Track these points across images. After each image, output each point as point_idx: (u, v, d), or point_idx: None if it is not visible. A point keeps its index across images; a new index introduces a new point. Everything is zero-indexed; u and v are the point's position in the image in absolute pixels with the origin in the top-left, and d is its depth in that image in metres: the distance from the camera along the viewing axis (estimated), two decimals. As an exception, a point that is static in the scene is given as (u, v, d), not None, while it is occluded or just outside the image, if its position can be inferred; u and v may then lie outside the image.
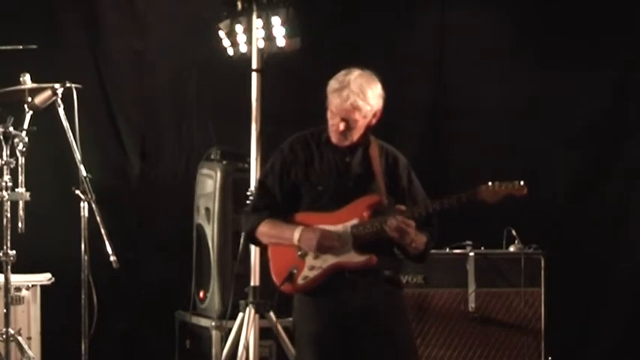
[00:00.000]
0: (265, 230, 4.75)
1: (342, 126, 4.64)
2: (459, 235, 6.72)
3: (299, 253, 4.67)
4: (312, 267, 4.66)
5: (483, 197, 4.54)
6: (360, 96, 4.60)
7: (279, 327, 6.25)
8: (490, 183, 4.54)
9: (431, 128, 7.82)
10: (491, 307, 6.59)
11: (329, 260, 4.64)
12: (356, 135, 4.68)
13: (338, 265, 4.64)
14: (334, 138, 4.70)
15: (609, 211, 7.58)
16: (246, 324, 6.19)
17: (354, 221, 4.64)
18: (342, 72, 4.68)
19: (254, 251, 6.26)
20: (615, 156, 7.62)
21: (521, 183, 4.54)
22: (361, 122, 4.65)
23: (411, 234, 4.58)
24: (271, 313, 6.28)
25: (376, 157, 4.72)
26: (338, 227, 4.64)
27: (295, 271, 4.67)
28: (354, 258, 4.63)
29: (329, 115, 4.68)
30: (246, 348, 6.17)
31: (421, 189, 4.81)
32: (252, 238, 4.84)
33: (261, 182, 4.90)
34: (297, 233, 4.65)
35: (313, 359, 4.64)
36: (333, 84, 4.65)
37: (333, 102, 4.63)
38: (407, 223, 4.55)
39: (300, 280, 4.67)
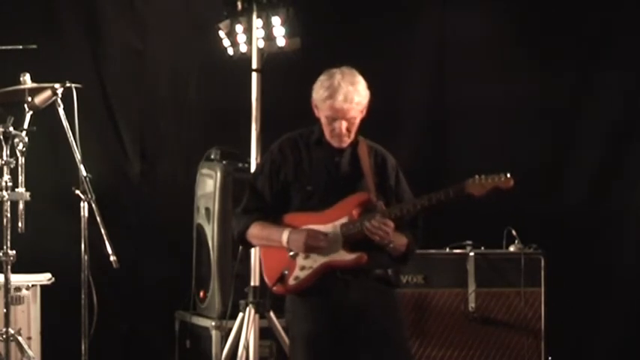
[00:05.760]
0: (255, 232, 4.77)
1: (344, 126, 4.66)
2: (459, 235, 6.72)
3: (290, 253, 4.68)
4: (303, 267, 4.67)
5: (470, 191, 4.55)
6: (355, 93, 4.65)
7: (279, 327, 6.25)
8: (477, 176, 4.56)
9: (431, 128, 7.82)
10: (491, 307, 6.59)
11: (319, 260, 4.65)
12: (354, 132, 4.71)
13: (328, 265, 4.65)
14: (336, 142, 4.72)
15: (609, 210, 7.58)
16: (246, 324, 6.19)
17: (344, 220, 4.66)
18: (322, 79, 4.71)
19: (254, 251, 6.26)
20: (615, 156, 7.62)
21: (508, 175, 4.55)
22: (358, 118, 4.69)
23: (389, 235, 4.58)
24: (271, 313, 6.28)
25: (365, 157, 4.74)
26: (328, 226, 4.66)
27: (287, 272, 4.68)
28: (344, 257, 4.64)
29: (324, 122, 4.71)
30: (246, 348, 6.17)
31: (408, 190, 4.83)
32: (243, 240, 4.85)
33: (250, 184, 4.91)
34: (285, 235, 4.67)
35: (306, 359, 4.64)
36: (322, 93, 4.67)
37: (331, 107, 4.64)
38: (385, 223, 4.56)
39: (291, 281, 4.68)
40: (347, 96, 4.62)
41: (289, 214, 4.73)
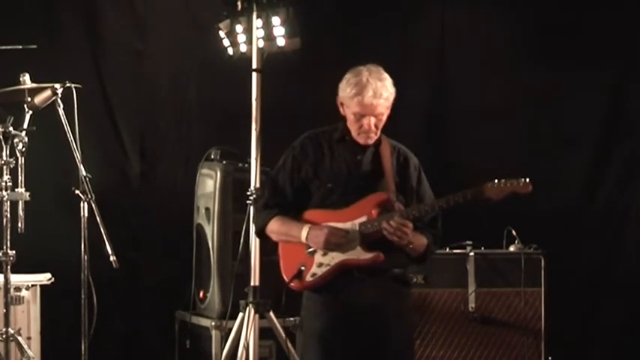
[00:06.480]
0: (275, 228, 4.78)
1: (373, 122, 4.66)
2: (459, 235, 6.72)
3: (308, 250, 4.70)
4: (321, 264, 4.68)
5: (489, 194, 4.57)
6: (383, 88, 4.65)
7: (279, 327, 6.25)
8: (496, 180, 4.57)
9: (431, 128, 7.82)
10: (491, 307, 6.60)
11: (337, 258, 4.66)
12: (381, 129, 4.72)
13: (346, 263, 4.66)
14: (363, 139, 4.71)
15: (609, 210, 7.59)
16: (246, 324, 6.19)
17: (363, 219, 4.66)
18: (349, 76, 4.69)
19: (254, 251, 6.26)
20: (616, 156, 7.62)
21: (527, 180, 4.57)
22: (385, 114, 4.70)
23: (408, 235, 4.59)
24: (271, 313, 6.28)
25: (387, 156, 4.74)
26: (346, 225, 4.66)
27: (304, 268, 4.70)
28: (361, 255, 4.64)
29: (352, 119, 4.69)
30: (246, 348, 6.17)
31: (429, 190, 4.83)
32: (263, 235, 4.87)
33: (272, 180, 4.91)
34: (304, 231, 4.68)
35: (318, 356, 4.67)
36: (349, 90, 4.65)
37: (360, 103, 4.63)
38: (404, 224, 4.56)
39: (308, 277, 4.70)
40: (376, 91, 4.62)
41: (309, 210, 4.74)
